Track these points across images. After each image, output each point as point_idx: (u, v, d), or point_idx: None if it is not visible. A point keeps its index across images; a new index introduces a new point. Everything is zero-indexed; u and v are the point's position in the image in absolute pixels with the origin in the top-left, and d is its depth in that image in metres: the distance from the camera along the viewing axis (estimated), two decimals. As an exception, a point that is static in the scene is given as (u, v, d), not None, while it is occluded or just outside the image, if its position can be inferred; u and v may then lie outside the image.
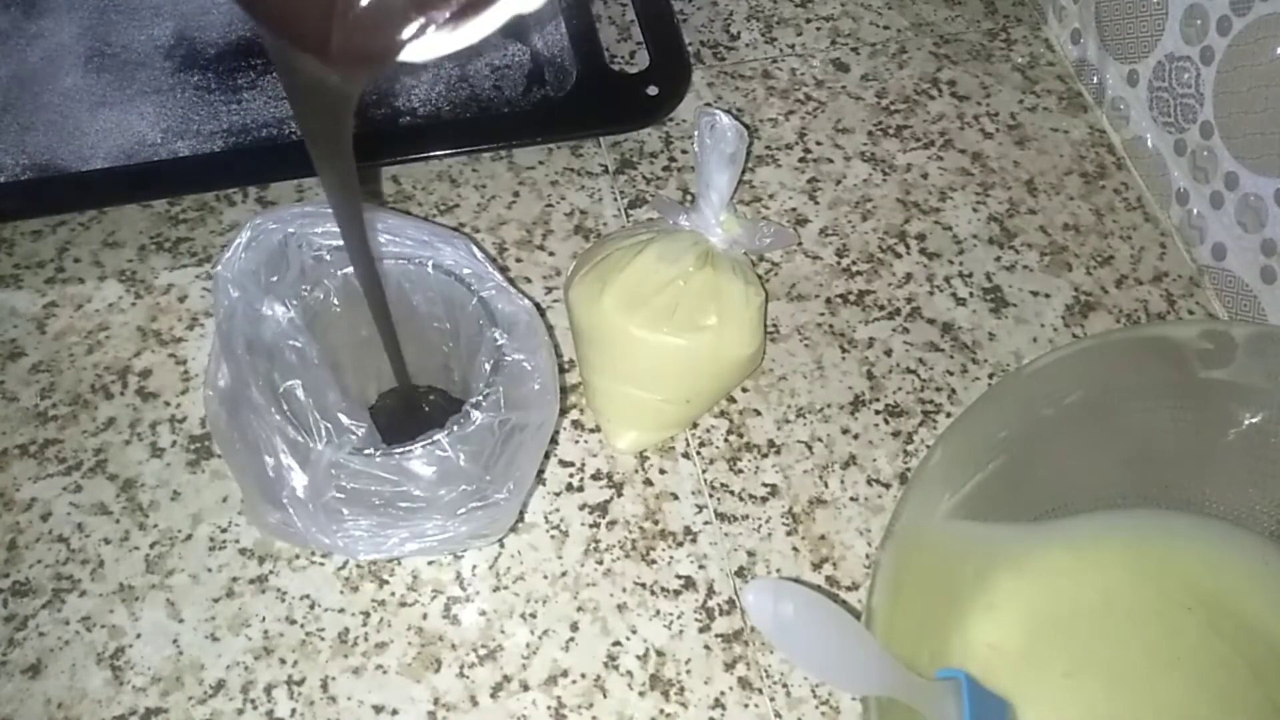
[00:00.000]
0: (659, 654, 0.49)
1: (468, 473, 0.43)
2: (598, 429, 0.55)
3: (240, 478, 0.45)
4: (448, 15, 0.22)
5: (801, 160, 0.65)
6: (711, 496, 0.53)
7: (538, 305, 0.48)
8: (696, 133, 0.53)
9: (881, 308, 0.60)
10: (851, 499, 0.54)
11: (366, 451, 0.42)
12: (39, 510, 0.52)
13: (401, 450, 0.42)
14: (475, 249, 0.48)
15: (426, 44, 0.23)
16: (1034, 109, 0.68)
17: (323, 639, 0.49)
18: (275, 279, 0.45)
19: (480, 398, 0.44)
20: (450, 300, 0.49)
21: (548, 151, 0.64)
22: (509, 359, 0.45)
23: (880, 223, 0.63)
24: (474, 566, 0.51)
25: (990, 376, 0.58)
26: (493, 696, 0.48)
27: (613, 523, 0.52)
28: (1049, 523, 0.49)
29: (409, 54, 0.23)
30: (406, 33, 0.22)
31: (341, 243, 0.45)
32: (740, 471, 0.54)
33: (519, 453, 0.44)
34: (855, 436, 0.56)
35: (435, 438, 0.42)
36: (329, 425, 0.42)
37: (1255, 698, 0.46)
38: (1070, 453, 0.48)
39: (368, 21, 0.22)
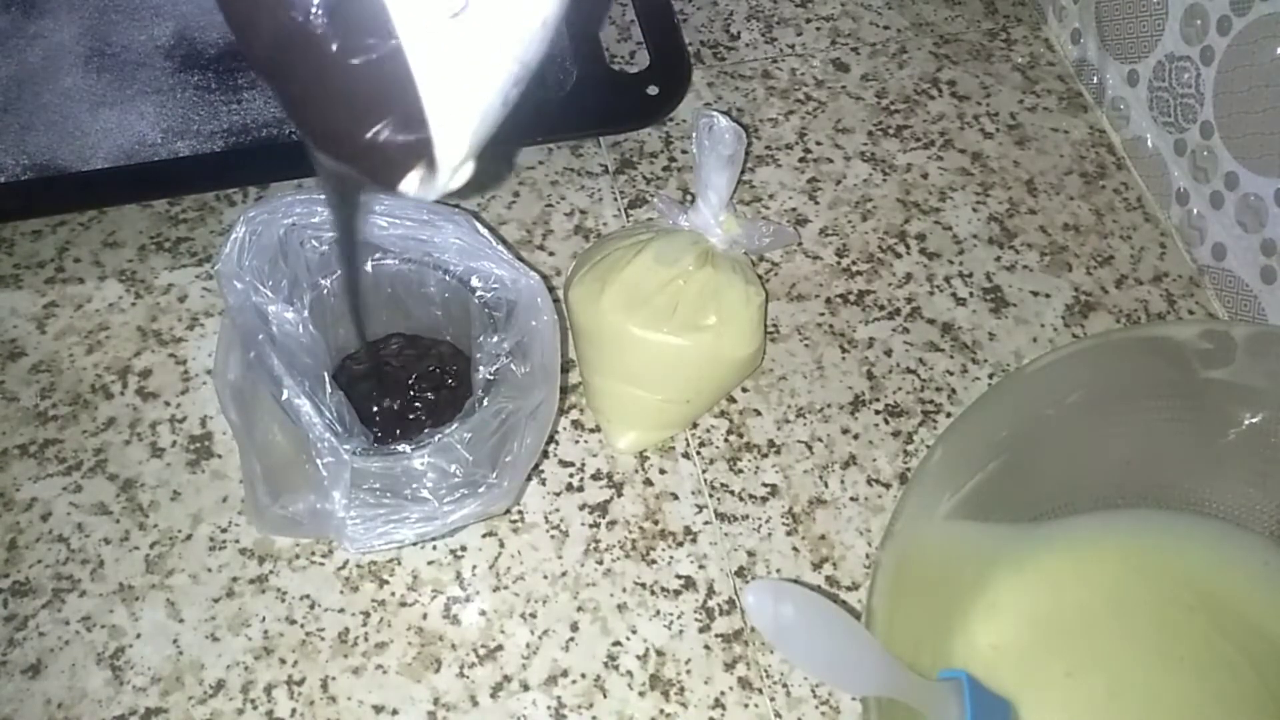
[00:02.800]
0: (659, 654, 0.49)
1: (472, 461, 0.43)
2: (598, 429, 0.55)
3: (248, 469, 0.45)
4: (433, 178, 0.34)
5: (801, 160, 0.65)
6: (711, 496, 0.53)
7: (544, 277, 0.48)
8: (695, 134, 0.53)
9: (881, 308, 0.60)
10: (851, 499, 0.54)
11: (378, 450, 0.43)
12: (39, 510, 0.52)
13: (409, 447, 0.43)
14: (478, 224, 0.48)
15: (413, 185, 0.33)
16: (1034, 109, 0.68)
17: (323, 639, 0.49)
18: (276, 274, 0.46)
19: (481, 392, 0.44)
20: (450, 298, 0.49)
21: (548, 151, 0.64)
22: (507, 356, 0.45)
23: (880, 223, 0.63)
24: (474, 566, 0.51)
25: (990, 376, 0.58)
26: (493, 696, 0.48)
27: (613, 523, 0.52)
28: (1049, 523, 0.49)
29: (403, 188, 0.34)
30: (411, 174, 0.33)
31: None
32: (740, 471, 0.54)
33: (524, 434, 0.45)
34: (855, 436, 0.55)
35: (441, 433, 0.43)
36: (336, 416, 0.43)
37: (1258, 697, 0.46)
38: (1070, 453, 0.48)
39: (386, 162, 0.32)
